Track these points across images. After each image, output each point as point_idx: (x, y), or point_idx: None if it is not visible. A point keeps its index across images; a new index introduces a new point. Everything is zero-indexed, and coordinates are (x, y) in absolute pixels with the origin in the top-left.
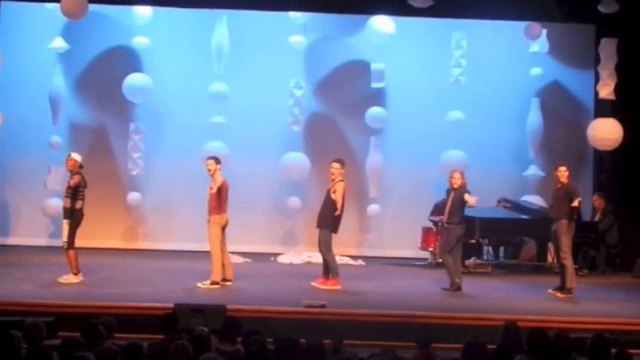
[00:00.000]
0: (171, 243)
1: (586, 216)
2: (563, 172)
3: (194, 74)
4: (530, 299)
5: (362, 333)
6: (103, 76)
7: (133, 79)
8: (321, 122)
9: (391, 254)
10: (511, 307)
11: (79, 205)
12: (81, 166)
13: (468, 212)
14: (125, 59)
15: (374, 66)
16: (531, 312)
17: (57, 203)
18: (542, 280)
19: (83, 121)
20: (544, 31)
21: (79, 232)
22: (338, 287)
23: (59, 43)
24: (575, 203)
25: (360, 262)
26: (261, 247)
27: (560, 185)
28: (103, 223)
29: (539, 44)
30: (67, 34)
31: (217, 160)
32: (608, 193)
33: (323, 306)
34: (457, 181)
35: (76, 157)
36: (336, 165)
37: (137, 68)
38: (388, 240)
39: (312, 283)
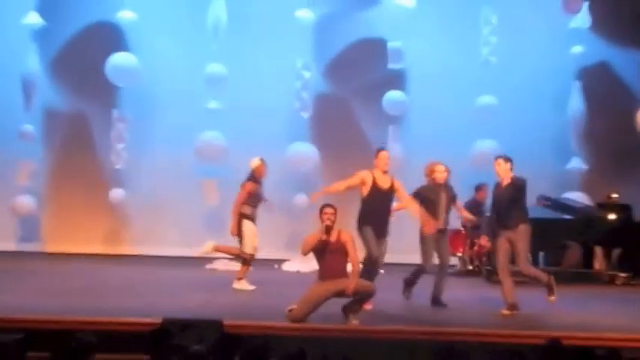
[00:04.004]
0: (160, 248)
1: None
2: (501, 165)
3: (187, 54)
4: (576, 313)
5: (380, 352)
6: (83, 56)
7: (117, 60)
8: (332, 108)
9: (413, 260)
10: (553, 322)
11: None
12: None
13: None
14: (108, 36)
15: (391, 44)
16: (577, 328)
17: (29, 201)
18: (589, 289)
19: (59, 108)
20: (585, 4)
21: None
22: None
23: (33, 18)
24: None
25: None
26: (263, 253)
27: (506, 183)
28: (82, 224)
29: (581, 19)
30: (42, 7)
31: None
32: None
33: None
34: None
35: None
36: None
37: (122, 47)
38: (410, 244)
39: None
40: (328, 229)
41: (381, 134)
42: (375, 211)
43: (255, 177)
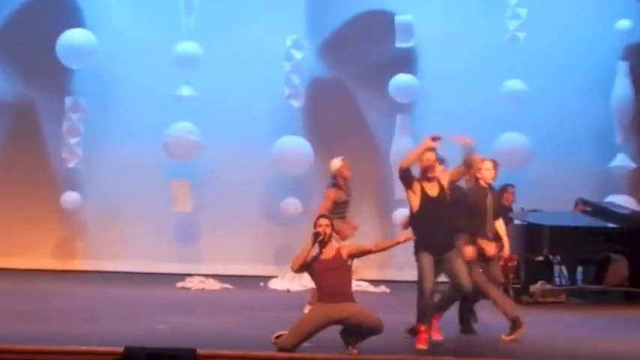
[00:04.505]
0: (122, 263)
1: None
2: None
3: (154, 30)
4: (622, 340)
5: None
6: (30, 33)
7: (70, 38)
8: (328, 96)
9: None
10: (595, 351)
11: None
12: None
13: (533, 219)
14: (61, 10)
15: (400, 18)
16: (625, 358)
17: None
18: (638, 312)
19: (1, 95)
20: None
21: None
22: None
23: None
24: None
25: (382, 288)
26: (246, 268)
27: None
28: (29, 234)
29: None
30: None
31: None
32: None
33: None
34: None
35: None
36: (324, 221)
37: (77, 22)
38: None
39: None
40: (317, 238)
41: (387, 125)
42: (430, 227)
43: (338, 182)
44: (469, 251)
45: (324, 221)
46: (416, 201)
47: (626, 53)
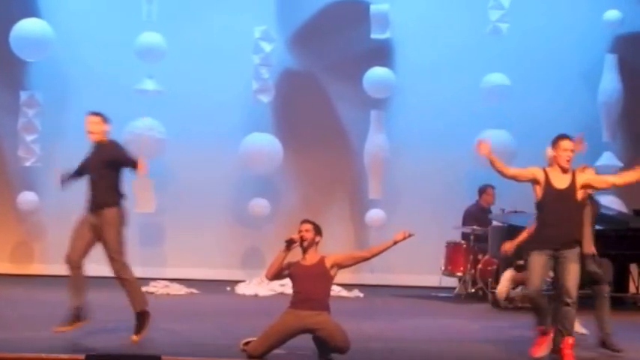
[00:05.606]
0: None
1: None
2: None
3: (114, 20)
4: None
5: None
6: None
7: (25, 28)
8: (299, 90)
9: (401, 282)
10: (577, 358)
11: None
12: None
13: (513, 221)
14: None
15: (375, 8)
16: None
17: None
18: (623, 318)
19: None
20: None
21: None
22: None
23: None
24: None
25: (356, 292)
26: (212, 272)
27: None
28: None
29: None
30: None
31: None
32: None
33: None
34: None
35: None
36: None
37: (31, 11)
38: (396, 261)
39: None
40: (290, 244)
41: (361, 122)
42: (550, 221)
43: None
44: None
45: (304, 226)
46: (539, 190)
47: (615, 45)
